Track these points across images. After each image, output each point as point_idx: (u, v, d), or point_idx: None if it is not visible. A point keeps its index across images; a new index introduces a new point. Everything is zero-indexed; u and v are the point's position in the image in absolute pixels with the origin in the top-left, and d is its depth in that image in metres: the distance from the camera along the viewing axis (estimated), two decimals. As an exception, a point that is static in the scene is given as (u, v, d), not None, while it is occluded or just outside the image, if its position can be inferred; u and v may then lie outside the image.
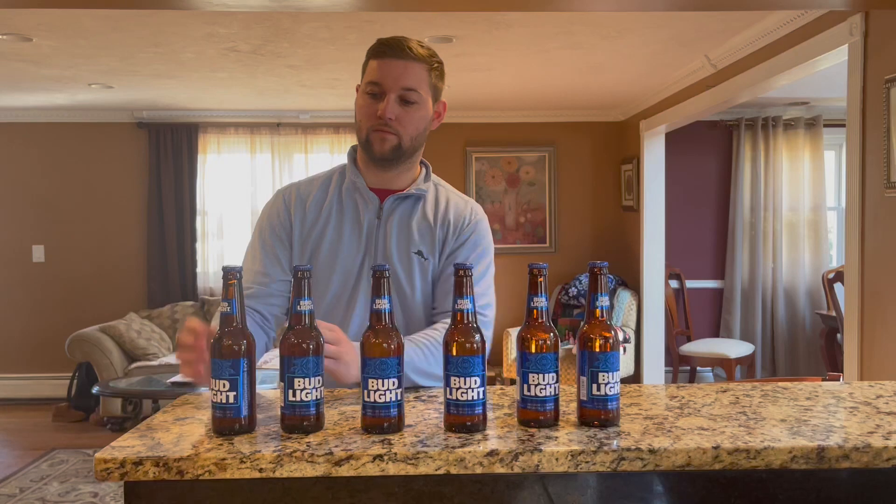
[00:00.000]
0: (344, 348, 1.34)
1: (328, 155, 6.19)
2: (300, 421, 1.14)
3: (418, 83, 1.55)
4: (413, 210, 1.62)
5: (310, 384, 1.14)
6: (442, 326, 1.54)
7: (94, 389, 4.63)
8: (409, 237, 1.60)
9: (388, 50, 1.54)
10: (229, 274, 1.16)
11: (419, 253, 1.59)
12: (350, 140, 6.15)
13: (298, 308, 1.16)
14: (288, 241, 1.62)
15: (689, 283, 6.12)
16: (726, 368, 5.43)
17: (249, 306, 1.53)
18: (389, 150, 1.56)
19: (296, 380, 1.13)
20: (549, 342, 1.16)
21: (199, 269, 6.12)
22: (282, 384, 1.15)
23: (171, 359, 5.33)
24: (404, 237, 1.60)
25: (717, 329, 6.16)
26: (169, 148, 6.03)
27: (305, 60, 4.23)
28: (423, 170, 1.68)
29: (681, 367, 5.83)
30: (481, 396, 1.15)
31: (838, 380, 1.80)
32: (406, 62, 1.53)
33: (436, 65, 1.59)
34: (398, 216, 1.61)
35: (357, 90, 1.63)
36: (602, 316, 1.18)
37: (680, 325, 6.01)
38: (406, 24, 3.55)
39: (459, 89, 5.09)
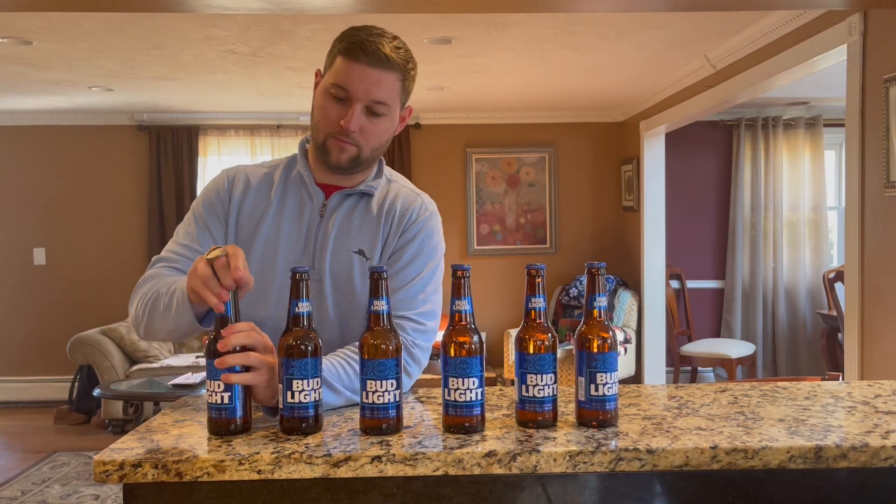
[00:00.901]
0: (272, 358, 1.20)
1: (328, 157, 6.19)
2: (299, 423, 1.14)
3: (389, 95, 1.43)
4: (356, 206, 1.51)
5: (308, 386, 1.14)
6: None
7: (96, 392, 4.64)
8: (349, 235, 1.48)
9: (362, 54, 1.39)
10: (227, 276, 1.16)
11: (360, 252, 1.48)
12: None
13: (297, 310, 1.16)
14: (224, 218, 1.51)
15: (690, 284, 6.12)
16: (727, 368, 5.43)
17: (173, 269, 1.46)
18: (347, 160, 1.45)
19: (294, 381, 1.13)
20: (547, 343, 1.16)
21: (199, 272, 6.12)
22: (280, 386, 1.15)
23: (172, 361, 5.34)
24: (345, 235, 1.48)
25: (717, 329, 6.16)
26: (169, 150, 6.04)
27: (305, 62, 4.24)
28: (376, 165, 1.55)
29: (682, 368, 5.83)
30: (479, 397, 1.15)
31: (837, 379, 1.80)
32: (380, 72, 1.40)
33: (411, 73, 1.47)
34: (341, 213, 1.49)
35: (316, 79, 1.50)
36: (600, 316, 1.18)
37: (681, 326, 6.01)
38: (405, 26, 3.55)
39: (459, 91, 5.09)
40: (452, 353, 1.14)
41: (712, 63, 4.13)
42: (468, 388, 1.14)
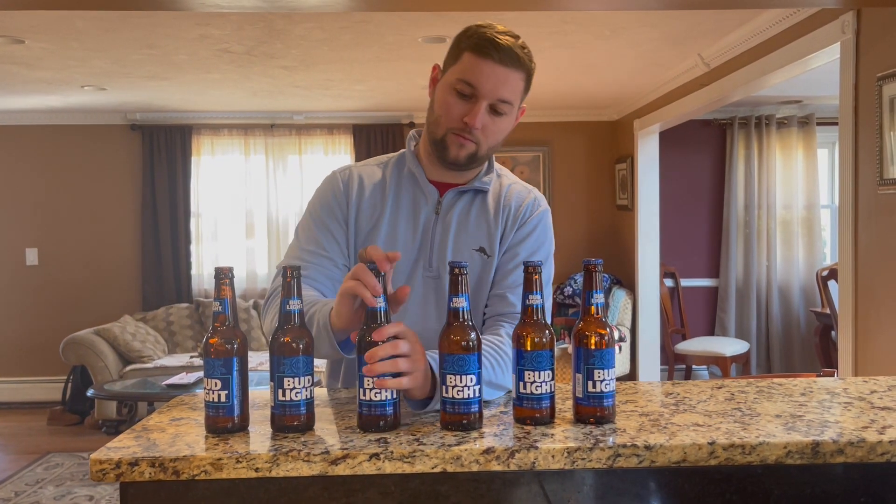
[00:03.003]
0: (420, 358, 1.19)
1: (322, 156, 6.19)
2: (290, 421, 1.14)
3: (514, 94, 1.41)
4: (472, 203, 1.50)
5: (300, 384, 1.13)
6: (506, 333, 1.39)
7: (89, 392, 4.63)
8: (468, 233, 1.48)
9: (494, 51, 1.37)
10: (221, 274, 1.16)
11: (481, 250, 1.47)
12: (344, 141, 6.15)
13: (288, 307, 1.15)
14: (344, 221, 1.49)
15: (684, 282, 6.14)
16: (721, 366, 5.45)
17: (309, 285, 1.42)
18: (465, 157, 1.44)
19: (286, 379, 1.13)
20: (544, 339, 1.16)
21: (193, 272, 6.11)
22: (272, 384, 1.15)
23: (166, 361, 5.33)
24: (464, 233, 1.48)
25: (712, 327, 6.18)
26: (163, 150, 6.02)
27: (299, 61, 4.23)
28: (487, 161, 1.53)
29: (676, 366, 5.84)
30: (477, 394, 1.15)
31: (832, 376, 1.80)
32: (508, 70, 1.38)
33: (533, 72, 1.44)
34: (457, 211, 1.49)
35: (433, 73, 1.49)
36: (597, 313, 1.18)
37: (675, 324, 6.02)
38: (400, 24, 3.55)
39: (453, 89, 5.08)
40: (450, 350, 1.14)
41: (706, 61, 4.14)
42: (465, 385, 1.14)
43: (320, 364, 1.49)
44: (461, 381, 1.13)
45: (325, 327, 1.27)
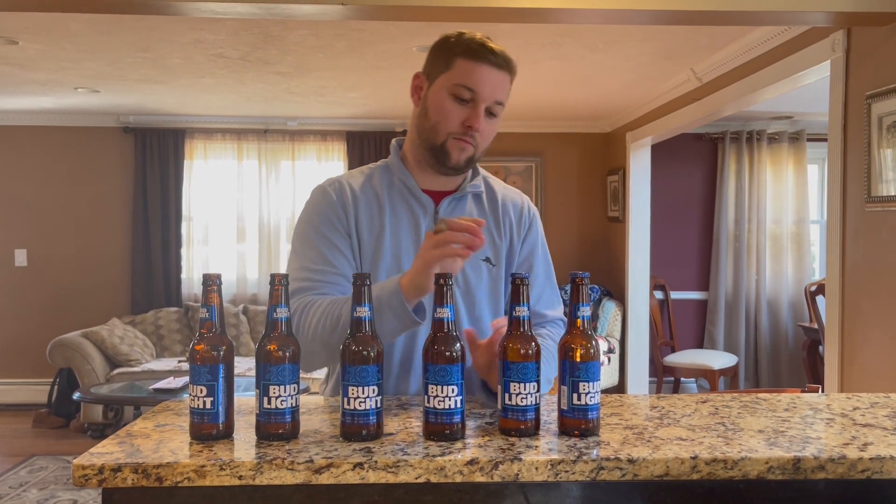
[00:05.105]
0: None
1: (315, 162, 6.19)
2: (275, 428, 1.14)
3: (506, 96, 1.47)
4: (469, 208, 1.52)
5: (285, 391, 1.13)
6: (548, 333, 1.48)
7: (75, 395, 4.59)
8: None
9: (490, 55, 1.42)
10: (209, 280, 1.16)
11: (487, 260, 1.49)
12: (338, 148, 6.15)
13: (275, 315, 1.16)
14: (347, 233, 1.47)
15: (674, 294, 6.16)
16: (710, 379, 5.46)
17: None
18: (465, 160, 1.46)
19: (271, 387, 1.13)
20: (530, 352, 1.17)
21: (183, 276, 6.09)
22: (257, 391, 1.15)
23: (154, 365, 5.30)
24: None
25: (701, 340, 6.19)
26: (155, 153, 6.01)
27: (294, 67, 4.23)
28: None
29: (665, 378, 5.85)
30: (459, 405, 1.15)
31: (816, 391, 1.81)
32: (502, 73, 1.44)
33: (516, 74, 1.49)
34: (455, 217, 1.47)
35: (416, 82, 1.50)
36: (583, 326, 1.19)
37: (664, 336, 6.04)
38: (395, 34, 3.57)
39: (447, 99, 5.09)
40: (433, 361, 1.15)
41: (698, 76, 4.17)
42: (447, 396, 1.14)
43: (317, 373, 1.49)
44: (443, 392, 1.14)
45: (397, 295, 1.27)
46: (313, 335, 1.35)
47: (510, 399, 1.17)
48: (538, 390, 1.18)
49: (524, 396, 1.16)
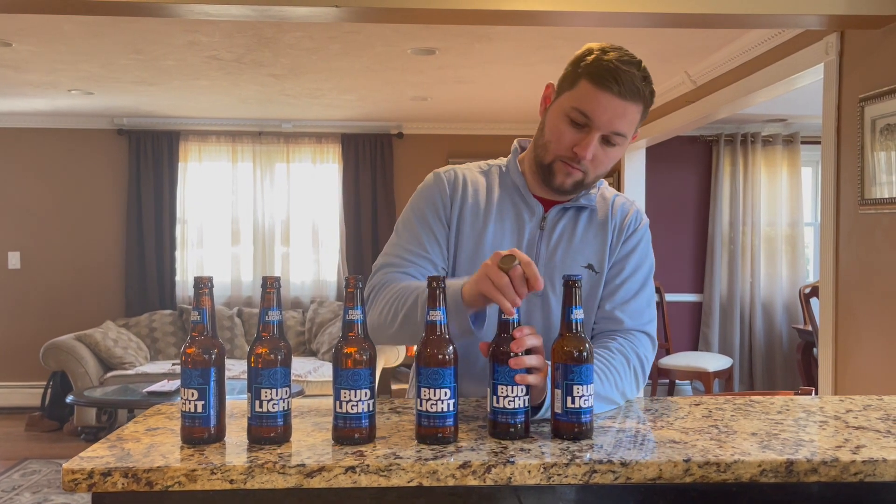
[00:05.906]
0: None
1: (310, 164, 6.18)
2: (267, 432, 1.13)
3: (629, 126, 1.37)
4: (577, 219, 1.48)
5: (277, 395, 1.13)
6: (616, 347, 1.39)
7: (69, 398, 4.57)
8: (576, 249, 1.46)
9: (613, 84, 1.32)
10: (201, 283, 1.15)
11: (590, 267, 1.46)
12: (333, 150, 6.15)
13: (267, 318, 1.15)
14: (447, 222, 1.47)
15: (669, 297, 6.16)
16: (704, 382, 5.46)
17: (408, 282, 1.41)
18: (571, 184, 1.42)
19: (263, 390, 1.13)
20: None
21: (177, 278, 6.07)
22: (249, 395, 1.14)
23: (148, 368, 5.28)
24: (572, 250, 1.45)
25: (695, 342, 6.20)
26: (149, 155, 5.99)
27: (288, 70, 4.23)
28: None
29: (660, 381, 5.85)
30: (452, 408, 1.14)
31: (809, 394, 1.82)
32: (627, 103, 1.34)
33: (651, 101, 1.39)
34: (562, 227, 1.47)
35: (546, 91, 1.46)
36: (576, 329, 1.18)
37: (659, 338, 6.04)
38: (390, 36, 3.56)
39: (442, 101, 5.10)
40: (425, 364, 1.14)
41: (693, 79, 4.18)
42: (439, 399, 1.13)
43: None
44: (436, 395, 1.13)
45: (455, 304, 1.24)
46: (378, 316, 1.39)
47: (499, 402, 1.16)
48: (527, 393, 1.17)
49: (512, 399, 1.16)
